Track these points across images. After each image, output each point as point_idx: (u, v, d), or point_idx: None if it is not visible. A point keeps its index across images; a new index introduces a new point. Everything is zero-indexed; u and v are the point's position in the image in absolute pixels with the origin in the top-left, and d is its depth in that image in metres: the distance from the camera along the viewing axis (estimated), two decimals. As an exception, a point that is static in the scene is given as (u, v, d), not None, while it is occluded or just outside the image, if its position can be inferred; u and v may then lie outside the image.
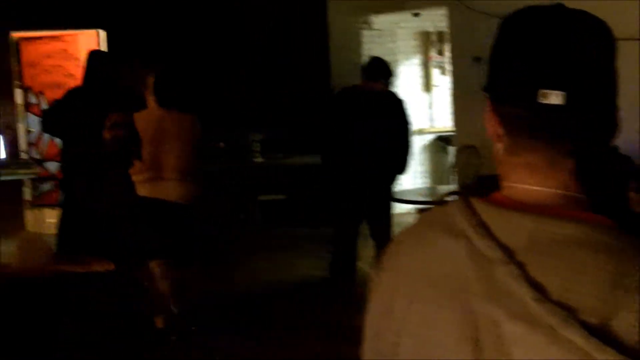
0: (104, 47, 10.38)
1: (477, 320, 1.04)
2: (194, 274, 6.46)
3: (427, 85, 10.85)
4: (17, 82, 10.71)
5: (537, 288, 1.01)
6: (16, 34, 10.55)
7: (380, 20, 10.40)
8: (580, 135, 1.11)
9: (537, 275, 1.02)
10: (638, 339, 0.96)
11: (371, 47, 10.37)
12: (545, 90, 1.08)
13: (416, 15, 10.15)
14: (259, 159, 9.95)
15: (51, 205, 10.98)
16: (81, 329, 3.20)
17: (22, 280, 3.14)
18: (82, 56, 10.90)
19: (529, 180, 1.13)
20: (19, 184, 9.97)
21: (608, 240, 1.04)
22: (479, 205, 1.12)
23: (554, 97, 1.08)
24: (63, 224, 6.92)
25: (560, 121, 1.10)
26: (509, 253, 1.04)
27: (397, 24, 10.58)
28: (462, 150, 8.55)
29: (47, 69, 11.26)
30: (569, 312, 0.98)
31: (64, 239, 6.90)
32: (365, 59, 10.20)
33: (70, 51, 11.06)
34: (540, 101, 1.09)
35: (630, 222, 1.18)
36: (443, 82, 10.68)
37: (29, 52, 11.38)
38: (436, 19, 10.48)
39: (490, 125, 1.18)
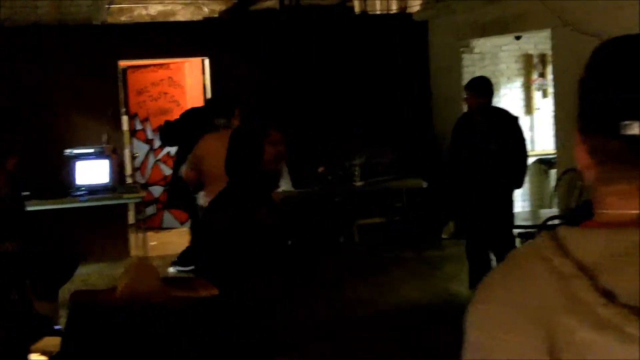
0: (208, 75, 10.60)
1: (555, 331, 1.07)
2: (294, 294, 6.47)
3: (529, 108, 10.72)
4: (123, 109, 11.02)
5: (607, 295, 1.05)
6: (123, 63, 10.86)
7: (482, 44, 10.36)
8: None
9: (609, 284, 1.06)
10: None
11: (472, 70, 10.33)
12: (627, 122, 1.09)
13: (518, 38, 10.08)
14: (359, 183, 9.97)
15: (154, 229, 11.25)
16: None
17: (134, 306, 3.21)
18: (188, 84, 11.20)
19: (621, 207, 1.14)
20: (124, 208, 10.22)
21: None
22: (563, 231, 1.15)
23: (637, 129, 1.09)
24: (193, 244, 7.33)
25: None
26: (581, 267, 1.08)
27: (498, 47, 10.52)
28: (564, 174, 8.44)
29: (153, 96, 11.56)
30: (635, 311, 1.03)
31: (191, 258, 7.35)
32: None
33: (176, 79, 11.33)
34: (622, 132, 1.10)
35: None
36: (545, 105, 10.56)
37: (135, 80, 11.71)
38: (538, 42, 10.38)
39: (579, 155, 1.20)
